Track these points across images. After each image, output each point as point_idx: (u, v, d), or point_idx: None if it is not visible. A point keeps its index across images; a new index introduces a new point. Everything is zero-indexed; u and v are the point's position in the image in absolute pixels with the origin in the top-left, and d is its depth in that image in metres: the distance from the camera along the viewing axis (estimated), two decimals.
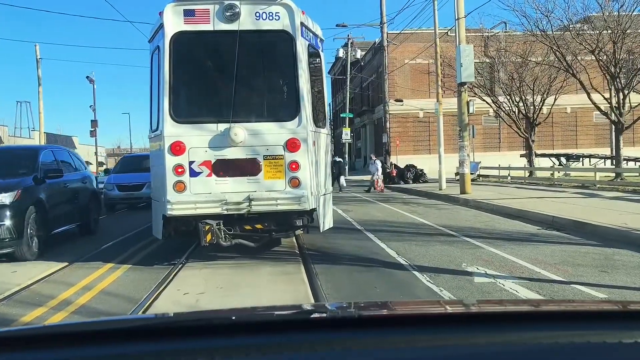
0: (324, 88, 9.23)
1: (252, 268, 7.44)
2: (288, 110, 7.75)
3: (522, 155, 29.65)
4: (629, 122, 20.82)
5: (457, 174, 20.65)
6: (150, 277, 7.01)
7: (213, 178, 7.36)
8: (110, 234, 11.24)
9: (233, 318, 1.44)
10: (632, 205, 12.92)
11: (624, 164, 23.18)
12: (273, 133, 7.49)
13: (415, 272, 6.79)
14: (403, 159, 32.87)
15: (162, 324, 1.45)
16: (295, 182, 7.45)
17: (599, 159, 29.98)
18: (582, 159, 30.09)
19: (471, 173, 20.73)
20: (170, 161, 7.31)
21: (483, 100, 27.16)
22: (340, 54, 44.24)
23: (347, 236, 10.07)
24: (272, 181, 7.45)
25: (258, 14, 7.53)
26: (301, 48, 7.67)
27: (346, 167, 39.87)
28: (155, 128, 8.06)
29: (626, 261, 7.22)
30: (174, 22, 7.46)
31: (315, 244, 9.10)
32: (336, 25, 35.30)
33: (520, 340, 1.27)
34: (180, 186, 7.30)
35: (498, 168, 27.15)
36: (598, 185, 19.06)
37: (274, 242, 8.76)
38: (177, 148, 7.30)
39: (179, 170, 7.30)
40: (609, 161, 28.79)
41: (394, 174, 28.12)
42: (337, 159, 25.93)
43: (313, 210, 7.73)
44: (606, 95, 21.61)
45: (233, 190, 7.36)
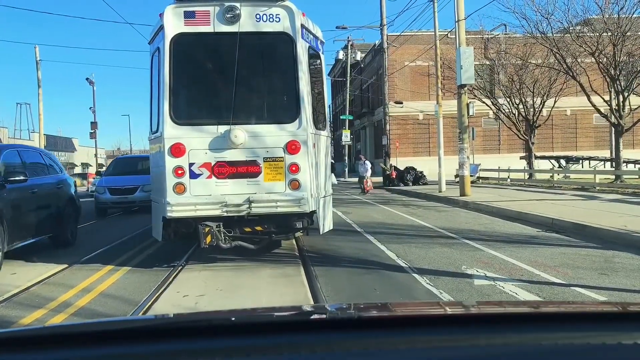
0: (324, 90, 9.22)
1: (252, 270, 7.43)
2: (288, 112, 7.75)
3: (522, 157, 29.68)
4: (629, 125, 20.84)
5: (457, 176, 20.65)
6: (149, 279, 7.00)
7: (213, 180, 7.36)
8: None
9: (233, 319, 1.43)
10: (632, 207, 12.90)
11: (624, 167, 23.19)
12: (273, 135, 7.49)
13: (414, 275, 6.78)
14: (403, 161, 32.88)
15: (162, 325, 1.45)
16: (295, 184, 7.45)
17: (599, 162, 29.99)
18: (582, 162, 30.10)
19: (471, 175, 20.74)
20: (170, 163, 7.31)
21: (483, 102, 27.18)
22: (340, 56, 44.28)
23: (347, 238, 10.07)
24: (272, 183, 7.44)
25: (258, 16, 7.53)
26: (301, 50, 7.66)
27: (346, 169, 40.05)
28: (155, 130, 8.05)
29: (626, 264, 7.21)
30: (174, 24, 7.46)
31: (315, 246, 9.09)
32: (336, 27, 35.46)
33: (520, 341, 1.27)
34: (180, 188, 7.30)
35: (498, 170, 27.15)
36: (598, 187, 19.06)
37: (274, 244, 8.75)
38: (177, 150, 7.29)
39: (179, 172, 7.30)
40: (609, 163, 28.79)
41: (394, 176, 28.11)
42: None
43: (313, 212, 7.72)
44: (606, 97, 21.63)
45: (233, 192, 7.36)
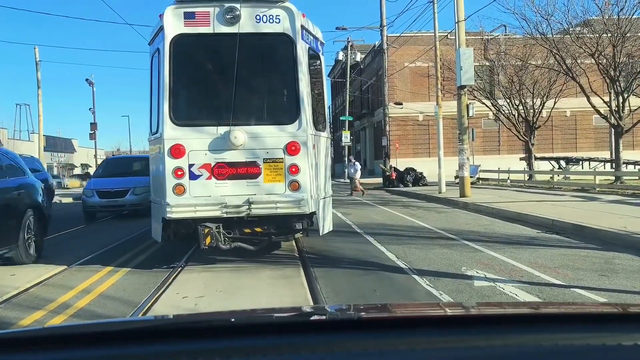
0: (324, 91, 9.22)
1: (252, 271, 7.42)
2: (288, 113, 7.74)
3: (522, 158, 29.69)
4: (629, 126, 20.87)
5: (457, 177, 20.66)
6: (149, 281, 6.99)
7: (213, 181, 7.36)
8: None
9: (233, 320, 1.43)
10: (632, 208, 12.91)
11: (624, 168, 23.22)
12: (273, 136, 7.48)
13: (414, 276, 6.78)
14: (403, 162, 32.90)
15: (162, 326, 1.45)
16: (295, 186, 7.44)
17: (599, 163, 29.99)
18: (582, 163, 30.10)
19: (471, 176, 20.74)
20: (170, 164, 7.30)
21: (483, 103, 27.20)
22: (340, 57, 44.23)
23: (347, 239, 10.06)
24: (272, 184, 7.44)
25: (258, 17, 7.53)
26: (301, 51, 7.66)
27: (345, 170, 39.98)
28: (155, 131, 8.04)
29: (626, 265, 7.21)
30: (174, 25, 7.45)
31: (314, 247, 9.09)
32: (336, 28, 35.54)
33: (520, 342, 1.27)
34: (180, 189, 7.29)
35: (498, 171, 27.16)
36: (597, 188, 19.06)
37: (274, 246, 8.74)
38: (177, 151, 7.29)
39: (179, 173, 7.30)
40: (609, 164, 28.80)
41: (394, 177, 28.12)
42: None
43: (313, 213, 7.71)
44: (606, 98, 21.66)
45: (233, 193, 7.35)
